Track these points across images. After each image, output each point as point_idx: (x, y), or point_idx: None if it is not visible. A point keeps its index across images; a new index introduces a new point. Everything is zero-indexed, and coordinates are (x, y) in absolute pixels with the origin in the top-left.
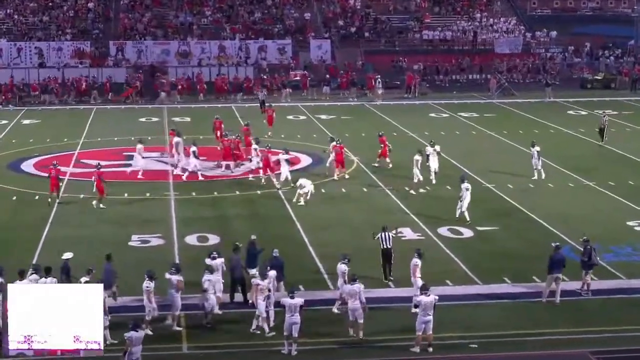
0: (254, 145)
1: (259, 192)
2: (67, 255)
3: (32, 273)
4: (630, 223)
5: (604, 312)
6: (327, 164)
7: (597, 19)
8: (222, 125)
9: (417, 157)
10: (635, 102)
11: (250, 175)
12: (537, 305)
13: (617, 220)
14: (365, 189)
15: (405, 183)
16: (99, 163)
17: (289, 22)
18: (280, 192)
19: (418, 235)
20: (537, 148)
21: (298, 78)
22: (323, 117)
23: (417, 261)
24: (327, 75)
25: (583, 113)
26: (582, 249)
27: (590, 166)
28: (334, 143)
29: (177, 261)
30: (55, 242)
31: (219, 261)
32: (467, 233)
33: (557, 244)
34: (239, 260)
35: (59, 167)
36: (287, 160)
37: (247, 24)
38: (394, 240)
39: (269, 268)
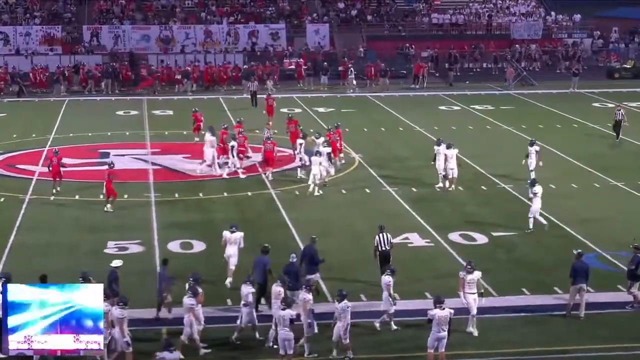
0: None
1: (249, 193)
2: (117, 263)
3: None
4: None
5: (633, 328)
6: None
7: (625, 1)
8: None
9: (537, 147)
10: None
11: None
12: (560, 319)
13: None
14: (368, 190)
15: (412, 183)
16: (112, 162)
17: (283, 4)
18: (273, 192)
19: (427, 242)
20: (537, 147)
21: (293, 67)
22: (321, 110)
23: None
24: (325, 63)
25: (610, 105)
26: (631, 257)
27: (618, 164)
28: (331, 129)
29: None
30: (23, 249)
31: (238, 234)
32: (481, 239)
33: (579, 251)
34: (267, 263)
35: (60, 155)
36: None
37: (236, 6)
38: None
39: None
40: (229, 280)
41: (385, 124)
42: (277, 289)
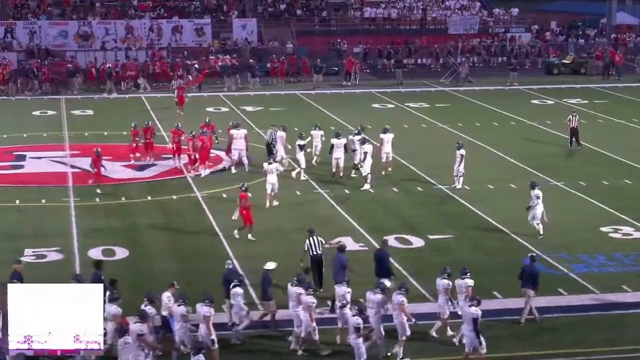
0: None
1: (174, 197)
2: (270, 265)
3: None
4: (604, 229)
5: (573, 332)
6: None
7: None
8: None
9: (463, 151)
10: (610, 89)
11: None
12: (502, 324)
13: (589, 225)
14: (298, 192)
15: (345, 185)
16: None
17: None
18: (199, 196)
19: (360, 246)
20: (462, 152)
21: (220, 63)
22: (249, 108)
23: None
24: (251, 61)
25: (549, 102)
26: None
27: (558, 164)
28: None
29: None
30: None
31: (274, 166)
32: (417, 242)
33: (533, 255)
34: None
35: (100, 155)
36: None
37: (158, 1)
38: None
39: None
40: (268, 204)
41: (316, 123)
42: (343, 289)
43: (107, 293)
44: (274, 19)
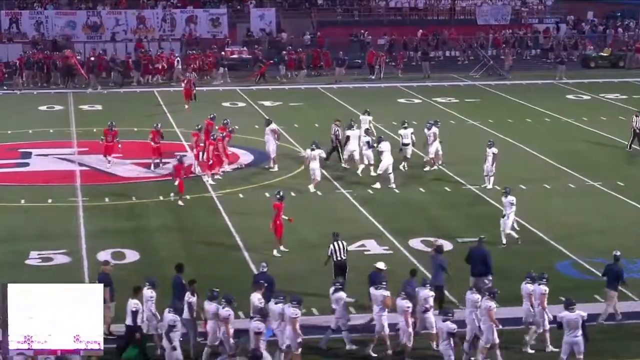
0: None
1: (187, 197)
2: (381, 265)
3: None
4: None
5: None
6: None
7: None
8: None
9: (495, 149)
10: None
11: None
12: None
13: (628, 228)
14: (319, 193)
15: (369, 185)
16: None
17: None
18: (214, 196)
19: (384, 249)
20: (494, 150)
21: (236, 56)
22: (267, 103)
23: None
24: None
25: (586, 97)
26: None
27: (595, 162)
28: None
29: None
30: None
31: (317, 152)
32: (445, 246)
33: (618, 253)
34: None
35: (183, 162)
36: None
37: None
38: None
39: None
40: (312, 187)
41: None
42: (426, 293)
43: (188, 294)
44: (293, 9)
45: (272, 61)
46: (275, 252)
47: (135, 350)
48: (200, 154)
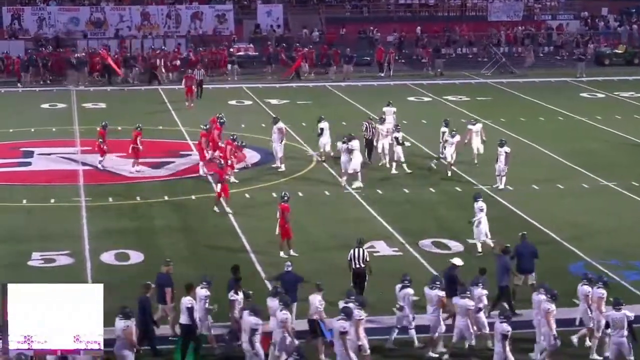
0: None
1: (193, 197)
2: (457, 261)
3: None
4: None
5: None
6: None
7: None
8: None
9: (507, 149)
10: None
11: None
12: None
13: None
14: (327, 193)
15: (379, 185)
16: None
17: None
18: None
19: (394, 251)
20: (507, 149)
21: (241, 53)
22: (273, 102)
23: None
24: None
25: (600, 96)
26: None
27: (610, 162)
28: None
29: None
30: None
31: (355, 142)
32: (456, 247)
33: None
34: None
35: (226, 167)
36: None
37: None
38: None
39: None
40: (344, 180)
41: (346, 118)
42: (479, 292)
43: (250, 292)
44: (301, 5)
45: (302, 58)
46: (282, 253)
47: (192, 356)
48: (207, 153)
